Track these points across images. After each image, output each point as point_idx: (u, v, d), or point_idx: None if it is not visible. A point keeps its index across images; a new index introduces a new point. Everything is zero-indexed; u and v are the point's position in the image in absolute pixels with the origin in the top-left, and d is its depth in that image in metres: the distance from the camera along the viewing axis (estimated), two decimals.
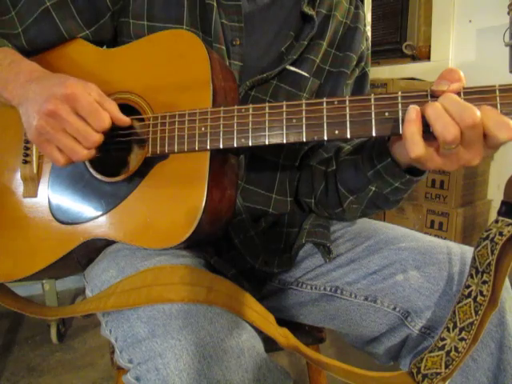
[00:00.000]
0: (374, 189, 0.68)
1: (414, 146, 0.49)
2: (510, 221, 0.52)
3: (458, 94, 0.49)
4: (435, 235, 1.79)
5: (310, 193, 0.80)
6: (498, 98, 0.47)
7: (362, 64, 0.84)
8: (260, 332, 0.58)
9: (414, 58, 2.55)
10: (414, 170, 0.62)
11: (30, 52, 0.73)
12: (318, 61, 0.77)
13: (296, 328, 0.64)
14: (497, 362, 0.60)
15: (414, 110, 0.49)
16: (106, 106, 0.60)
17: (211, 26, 0.71)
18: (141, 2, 0.71)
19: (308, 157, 0.82)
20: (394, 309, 0.68)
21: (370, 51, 0.86)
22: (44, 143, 0.61)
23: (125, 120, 0.62)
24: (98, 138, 0.59)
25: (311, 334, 0.82)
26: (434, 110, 0.48)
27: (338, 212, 0.76)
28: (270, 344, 0.59)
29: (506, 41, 1.75)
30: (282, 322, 0.64)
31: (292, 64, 0.75)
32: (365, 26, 0.84)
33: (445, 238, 0.95)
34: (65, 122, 0.58)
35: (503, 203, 0.54)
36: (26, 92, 0.61)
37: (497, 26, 1.91)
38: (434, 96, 0.50)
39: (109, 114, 0.60)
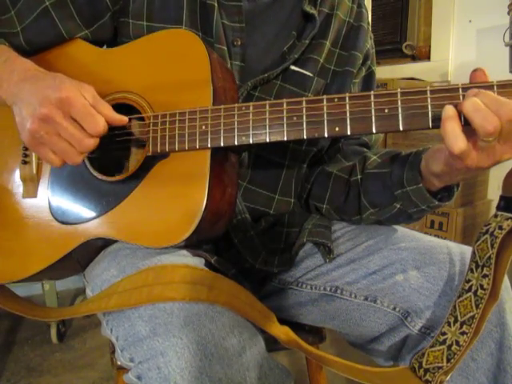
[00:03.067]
0: (398, 206, 0.68)
1: (457, 141, 0.48)
2: (509, 215, 0.52)
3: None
4: (435, 235, 1.79)
5: (324, 198, 0.79)
6: (495, 94, 0.48)
7: (368, 63, 0.83)
8: (261, 331, 0.59)
9: (413, 58, 2.55)
10: (442, 195, 0.63)
11: (28, 51, 0.72)
12: (321, 60, 0.77)
13: (296, 328, 0.64)
14: (497, 362, 0.60)
15: (450, 107, 0.49)
16: (99, 108, 0.60)
17: (212, 26, 0.71)
18: (140, 2, 0.71)
19: (325, 162, 0.82)
20: (394, 309, 0.68)
21: (374, 49, 0.86)
22: (38, 146, 0.60)
23: (121, 119, 0.62)
24: (92, 142, 0.59)
25: (311, 334, 0.82)
26: (472, 103, 0.47)
27: (355, 219, 0.76)
28: (270, 344, 0.60)
29: (506, 41, 1.75)
30: (281, 321, 0.64)
31: (295, 64, 0.75)
32: (368, 24, 0.84)
33: (445, 238, 0.95)
34: (59, 127, 0.58)
35: (502, 198, 0.54)
36: (20, 91, 0.61)
37: (497, 26, 1.90)
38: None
39: (104, 116, 0.59)
